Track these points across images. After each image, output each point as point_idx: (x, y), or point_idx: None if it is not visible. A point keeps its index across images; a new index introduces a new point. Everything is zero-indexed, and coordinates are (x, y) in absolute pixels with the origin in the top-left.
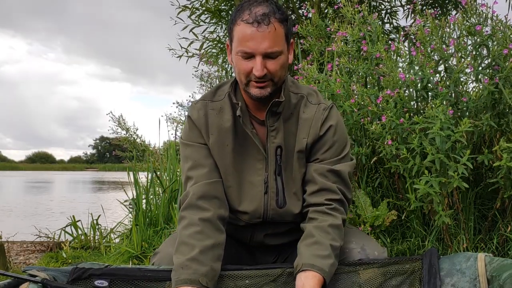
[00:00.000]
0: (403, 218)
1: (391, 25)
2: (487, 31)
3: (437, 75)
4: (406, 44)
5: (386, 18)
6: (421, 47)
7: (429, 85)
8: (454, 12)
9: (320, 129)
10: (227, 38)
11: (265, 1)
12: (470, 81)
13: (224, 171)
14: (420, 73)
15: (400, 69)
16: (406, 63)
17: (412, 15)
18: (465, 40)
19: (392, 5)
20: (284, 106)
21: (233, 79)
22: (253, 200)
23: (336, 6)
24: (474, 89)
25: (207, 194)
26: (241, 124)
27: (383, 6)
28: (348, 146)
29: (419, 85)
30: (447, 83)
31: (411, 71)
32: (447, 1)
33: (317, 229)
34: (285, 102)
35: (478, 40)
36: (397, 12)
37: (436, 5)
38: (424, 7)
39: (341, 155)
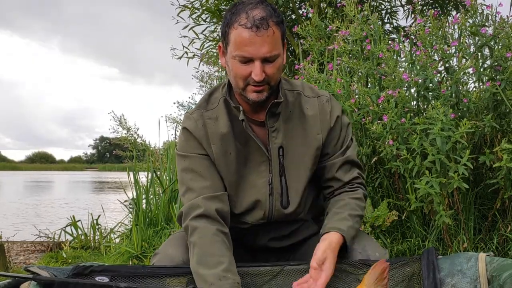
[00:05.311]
0: (403, 218)
1: (391, 25)
2: (490, 34)
3: (438, 75)
4: (406, 44)
5: (386, 18)
6: (422, 47)
7: (431, 85)
8: (454, 12)
9: (330, 121)
10: (221, 40)
11: (260, 3)
12: (471, 82)
13: (229, 179)
14: (422, 73)
15: (402, 69)
16: (407, 63)
17: (412, 15)
18: (467, 41)
19: (392, 5)
20: (282, 106)
21: (223, 84)
22: (258, 202)
23: (338, 5)
24: (474, 89)
25: (218, 208)
26: (239, 129)
27: (383, 6)
28: (350, 128)
29: (420, 85)
30: (448, 83)
31: (413, 71)
32: (447, 1)
33: (337, 202)
34: (283, 102)
35: (481, 41)
36: (397, 12)
37: (436, 5)
38: (424, 7)
39: (347, 141)
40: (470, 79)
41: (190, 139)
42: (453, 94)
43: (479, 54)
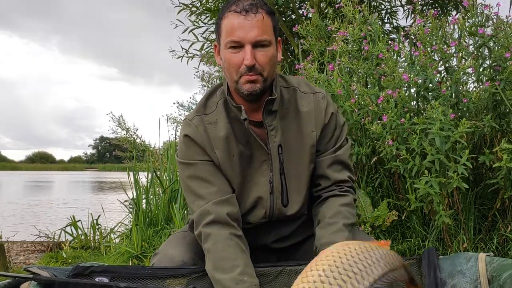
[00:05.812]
0: (403, 218)
1: (391, 25)
2: (488, 34)
3: (438, 75)
4: (406, 44)
5: (386, 18)
6: (422, 47)
7: (431, 85)
8: (454, 13)
9: (324, 118)
10: (215, 39)
11: None
12: (471, 81)
13: (235, 181)
14: (422, 74)
15: (402, 69)
16: (407, 63)
17: (412, 15)
18: (467, 41)
19: (392, 5)
20: (278, 103)
21: (220, 86)
22: (260, 200)
23: (337, 6)
24: (474, 89)
25: (229, 212)
26: (240, 130)
27: (383, 6)
28: (346, 128)
29: (419, 85)
30: (448, 83)
31: (413, 72)
32: (447, 1)
33: (328, 210)
34: (279, 99)
35: (480, 41)
36: (397, 12)
37: (436, 5)
38: (424, 7)
39: (341, 140)
40: (469, 79)
41: (192, 146)
42: (453, 94)
43: (479, 54)
